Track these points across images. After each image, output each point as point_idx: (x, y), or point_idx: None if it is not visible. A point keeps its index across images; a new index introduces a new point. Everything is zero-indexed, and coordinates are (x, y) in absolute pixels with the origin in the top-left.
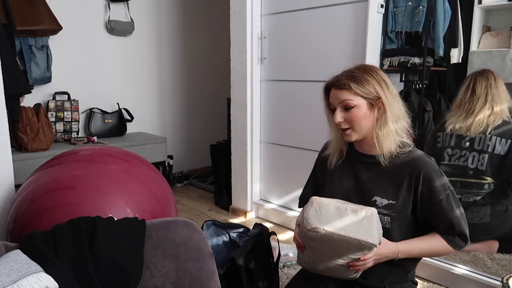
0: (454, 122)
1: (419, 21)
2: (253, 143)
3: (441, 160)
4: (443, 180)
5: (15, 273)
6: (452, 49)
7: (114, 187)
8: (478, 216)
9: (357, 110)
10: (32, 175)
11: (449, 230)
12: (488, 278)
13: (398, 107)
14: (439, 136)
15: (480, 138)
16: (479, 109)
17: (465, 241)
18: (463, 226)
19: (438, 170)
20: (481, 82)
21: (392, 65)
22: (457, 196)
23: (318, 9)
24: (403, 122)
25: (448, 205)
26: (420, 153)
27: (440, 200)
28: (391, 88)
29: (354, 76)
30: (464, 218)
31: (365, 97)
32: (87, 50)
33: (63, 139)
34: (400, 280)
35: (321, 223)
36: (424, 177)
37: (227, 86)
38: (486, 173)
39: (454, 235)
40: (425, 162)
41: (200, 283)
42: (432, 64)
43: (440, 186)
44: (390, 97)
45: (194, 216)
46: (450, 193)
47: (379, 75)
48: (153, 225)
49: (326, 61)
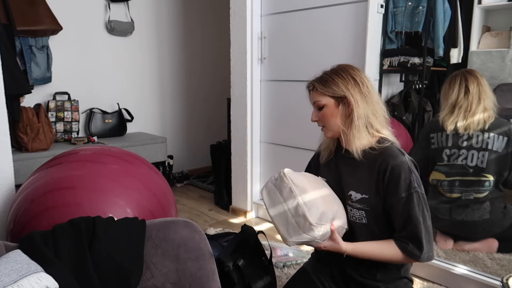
0: (454, 122)
1: (419, 21)
2: (253, 143)
3: (439, 160)
4: (410, 179)
5: (15, 273)
6: (452, 49)
7: (114, 187)
8: (478, 213)
9: (326, 109)
10: (32, 175)
11: (402, 232)
12: (488, 278)
13: (372, 104)
14: (433, 137)
15: (478, 136)
16: (476, 107)
17: (420, 249)
18: (420, 231)
19: (409, 168)
20: (472, 80)
21: (392, 65)
22: (456, 194)
23: (318, 9)
24: (378, 118)
25: (408, 206)
26: (395, 149)
27: (401, 198)
28: (362, 86)
29: (322, 77)
30: (426, 228)
31: (332, 96)
32: (87, 50)
33: (63, 139)
34: (394, 277)
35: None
36: (390, 171)
37: (227, 86)
38: (486, 170)
39: (408, 241)
40: (395, 157)
41: (200, 283)
42: (432, 64)
43: (405, 183)
44: (359, 95)
45: (194, 216)
46: (414, 194)
47: (349, 74)
48: (153, 225)
49: (326, 61)
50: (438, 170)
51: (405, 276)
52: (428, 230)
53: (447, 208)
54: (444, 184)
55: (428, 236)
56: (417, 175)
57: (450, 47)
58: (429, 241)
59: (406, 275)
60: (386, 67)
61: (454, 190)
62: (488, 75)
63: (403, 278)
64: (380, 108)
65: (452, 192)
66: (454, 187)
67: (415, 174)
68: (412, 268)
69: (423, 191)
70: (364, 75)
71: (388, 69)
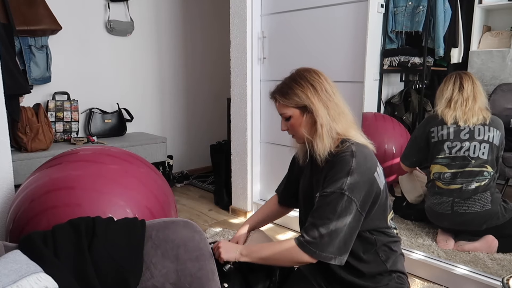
0: (453, 115)
1: (419, 21)
2: (253, 143)
3: (440, 153)
4: (343, 180)
5: (14, 273)
6: (452, 49)
7: (114, 187)
8: (480, 204)
9: (293, 120)
10: (32, 175)
11: (310, 222)
12: (488, 278)
13: (334, 108)
14: (433, 131)
15: (479, 129)
16: (472, 104)
17: (320, 238)
18: (324, 226)
19: (349, 170)
20: (466, 79)
21: (392, 65)
22: (457, 185)
23: (318, 9)
24: (342, 121)
25: (326, 202)
26: (349, 150)
27: (324, 193)
28: (321, 91)
29: (282, 87)
30: (336, 230)
31: (295, 107)
32: (87, 50)
33: (62, 139)
34: (380, 269)
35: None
36: (330, 167)
37: (227, 86)
38: (487, 162)
39: (310, 233)
40: (343, 158)
41: (200, 283)
42: (432, 64)
43: (335, 181)
44: (319, 102)
45: (194, 216)
46: (339, 197)
47: (307, 80)
48: (153, 225)
49: (326, 61)
50: (440, 163)
51: (395, 270)
52: (337, 233)
53: (448, 202)
54: (447, 177)
55: (335, 237)
56: (357, 181)
57: (451, 47)
58: (332, 242)
59: (394, 268)
60: (386, 67)
61: (455, 182)
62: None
63: (389, 271)
64: (343, 109)
65: (453, 184)
66: (456, 179)
67: (352, 178)
68: (412, 268)
69: (355, 198)
70: (323, 78)
71: (388, 69)
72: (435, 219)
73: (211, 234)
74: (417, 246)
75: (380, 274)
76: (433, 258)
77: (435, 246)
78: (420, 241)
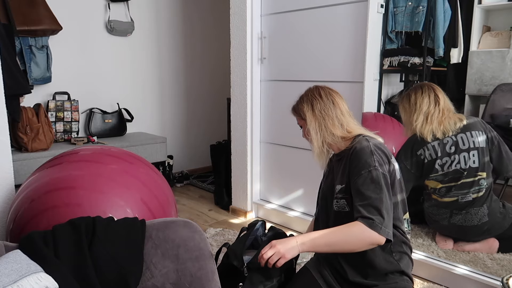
0: (430, 130)
1: (419, 21)
2: (253, 143)
3: (433, 172)
4: (371, 159)
5: (15, 273)
6: (452, 49)
7: (114, 187)
8: (477, 218)
9: (303, 128)
10: (32, 175)
11: (362, 204)
12: (488, 278)
13: (333, 116)
14: (421, 154)
15: (462, 138)
16: (447, 113)
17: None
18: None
19: (370, 151)
20: (438, 90)
21: (392, 65)
22: (453, 198)
23: (318, 9)
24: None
25: (368, 180)
26: (362, 138)
27: (361, 175)
28: (316, 108)
29: (295, 103)
30: (382, 201)
31: (302, 118)
32: (87, 50)
33: (63, 139)
34: (392, 268)
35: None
36: (354, 155)
37: (227, 86)
38: (479, 168)
39: (368, 214)
40: (360, 144)
41: (200, 283)
42: (432, 64)
43: (365, 162)
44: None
45: (194, 216)
46: (374, 173)
47: (307, 98)
48: (153, 225)
49: (326, 61)
50: (434, 179)
51: (405, 272)
52: (385, 206)
53: (446, 213)
54: (442, 191)
55: (385, 207)
56: (381, 156)
57: (450, 47)
58: (388, 214)
59: (406, 271)
60: (386, 67)
61: (450, 195)
62: (488, 75)
63: (402, 273)
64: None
65: (449, 197)
66: (451, 192)
67: (377, 155)
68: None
69: (384, 170)
70: (324, 95)
71: (388, 69)
72: (433, 225)
73: (211, 234)
74: (417, 246)
75: (391, 273)
76: (433, 258)
77: (435, 246)
78: (420, 241)
